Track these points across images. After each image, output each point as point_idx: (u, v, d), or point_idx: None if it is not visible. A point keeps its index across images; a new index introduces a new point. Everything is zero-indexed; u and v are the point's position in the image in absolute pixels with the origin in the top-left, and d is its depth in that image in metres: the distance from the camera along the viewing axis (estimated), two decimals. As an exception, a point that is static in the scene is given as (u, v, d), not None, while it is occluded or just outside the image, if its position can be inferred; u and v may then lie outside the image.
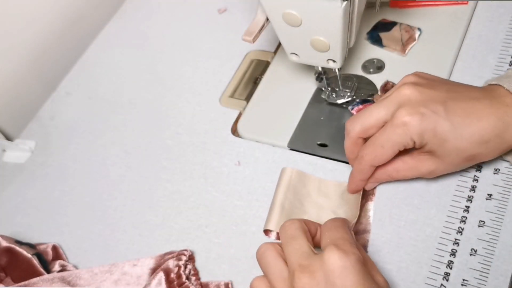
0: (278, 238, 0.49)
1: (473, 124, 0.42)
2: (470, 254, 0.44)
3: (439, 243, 0.45)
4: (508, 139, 0.43)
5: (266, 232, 0.50)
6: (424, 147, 0.44)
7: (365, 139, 0.46)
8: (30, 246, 0.54)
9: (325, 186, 0.51)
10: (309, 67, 0.58)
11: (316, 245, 0.42)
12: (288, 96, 0.58)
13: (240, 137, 0.57)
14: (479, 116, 0.42)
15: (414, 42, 0.57)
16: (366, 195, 0.49)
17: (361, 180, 0.47)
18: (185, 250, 0.50)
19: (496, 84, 0.44)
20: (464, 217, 0.46)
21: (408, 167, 0.46)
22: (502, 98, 0.43)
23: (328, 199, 0.50)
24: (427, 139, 0.43)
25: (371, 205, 0.49)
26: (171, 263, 0.49)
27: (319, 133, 0.54)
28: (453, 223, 0.46)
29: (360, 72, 0.57)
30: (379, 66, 0.57)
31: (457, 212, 0.46)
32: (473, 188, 0.47)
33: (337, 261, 0.37)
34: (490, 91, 0.44)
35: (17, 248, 0.52)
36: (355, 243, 0.40)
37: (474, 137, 0.42)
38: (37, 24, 0.70)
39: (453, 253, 0.44)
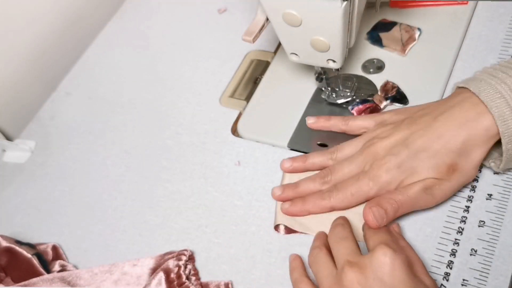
0: (287, 232, 0.49)
1: (436, 143, 0.44)
2: (470, 254, 0.44)
3: (439, 243, 0.45)
4: (473, 151, 0.44)
5: (276, 228, 0.50)
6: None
7: None
8: (30, 246, 0.54)
9: None
10: (309, 67, 0.58)
11: None
12: (288, 96, 0.58)
13: (240, 137, 0.57)
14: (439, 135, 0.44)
15: (414, 42, 0.57)
16: None
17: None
18: (185, 250, 0.50)
19: (463, 87, 0.45)
20: (464, 217, 0.46)
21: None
22: (467, 103, 0.44)
23: None
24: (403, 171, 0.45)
25: None
26: (171, 263, 0.49)
27: (319, 133, 0.54)
28: (453, 223, 0.46)
29: (360, 72, 0.57)
30: (379, 66, 0.57)
31: (457, 212, 0.46)
32: (473, 188, 0.47)
33: (387, 259, 0.38)
34: (456, 96, 0.46)
35: (17, 248, 0.52)
36: (406, 243, 0.43)
37: (445, 146, 0.44)
38: (37, 24, 0.70)
39: (453, 253, 0.44)
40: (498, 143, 0.44)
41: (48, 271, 0.52)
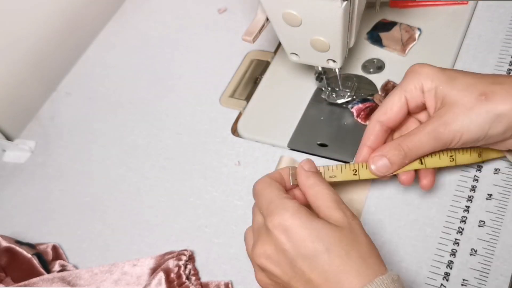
0: None
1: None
2: (470, 254, 0.44)
3: (439, 243, 0.45)
4: None
5: None
6: (436, 99, 0.42)
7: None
8: (30, 246, 0.54)
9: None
10: (309, 67, 0.58)
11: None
12: (288, 96, 0.58)
13: (240, 137, 0.57)
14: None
15: (414, 42, 0.57)
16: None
17: (366, 145, 0.45)
18: (185, 250, 0.50)
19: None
20: (464, 217, 0.46)
21: (422, 130, 0.42)
22: None
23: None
24: (436, 80, 0.42)
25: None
26: (171, 263, 0.49)
27: (319, 133, 0.54)
28: (453, 223, 0.46)
29: (360, 72, 0.57)
30: (379, 66, 0.57)
31: (457, 212, 0.46)
32: (473, 188, 0.47)
33: (280, 227, 0.38)
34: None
35: (17, 248, 0.52)
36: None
37: (485, 77, 0.41)
38: (37, 24, 0.70)
39: (453, 253, 0.44)
40: None
41: (48, 271, 0.52)
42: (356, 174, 0.45)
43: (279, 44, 0.63)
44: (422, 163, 0.44)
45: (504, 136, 0.41)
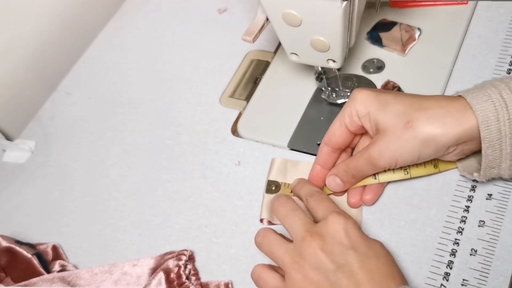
0: (269, 224, 0.50)
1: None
2: (470, 254, 0.44)
3: (439, 243, 0.45)
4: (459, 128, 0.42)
5: (262, 220, 0.51)
6: (371, 124, 0.45)
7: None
8: (30, 246, 0.54)
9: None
10: (309, 67, 0.58)
11: None
12: (288, 96, 0.58)
13: (240, 137, 0.57)
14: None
15: (414, 42, 0.57)
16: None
17: (317, 163, 0.49)
18: (185, 250, 0.50)
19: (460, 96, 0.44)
20: (464, 217, 0.46)
21: (361, 155, 0.45)
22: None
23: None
24: (369, 105, 0.44)
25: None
26: (171, 263, 0.49)
27: (319, 133, 0.54)
28: (453, 223, 0.46)
29: (360, 72, 0.57)
30: (379, 66, 0.57)
31: (457, 212, 0.46)
32: (473, 188, 0.47)
33: (341, 226, 0.42)
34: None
35: (17, 248, 0.52)
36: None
37: (413, 103, 0.43)
38: (37, 24, 0.70)
39: (453, 253, 0.44)
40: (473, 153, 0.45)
41: (48, 271, 0.52)
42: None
43: (279, 44, 0.63)
44: (375, 178, 0.47)
45: (437, 155, 0.44)
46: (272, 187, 0.52)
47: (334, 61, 0.50)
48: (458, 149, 0.43)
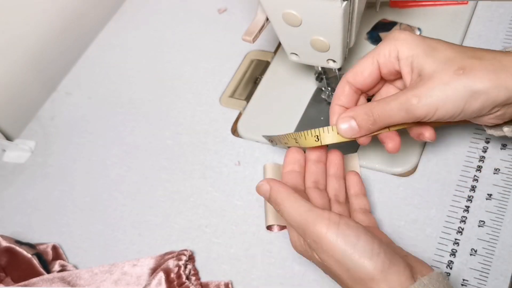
0: (280, 229, 0.50)
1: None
2: (470, 254, 0.44)
3: (439, 243, 0.45)
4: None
5: (269, 228, 0.50)
6: (413, 69, 0.40)
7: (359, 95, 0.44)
8: (30, 246, 0.54)
9: None
10: (309, 67, 0.58)
11: None
12: (288, 96, 0.58)
13: (240, 137, 0.57)
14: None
15: (414, 42, 0.57)
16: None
17: (337, 104, 0.43)
18: (185, 250, 0.50)
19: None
20: (464, 217, 0.46)
21: (395, 99, 0.40)
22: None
23: None
24: (414, 48, 0.40)
25: None
26: (171, 263, 0.49)
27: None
28: (453, 223, 0.46)
29: (360, 72, 0.57)
30: (379, 66, 0.57)
31: (457, 212, 0.46)
32: (473, 188, 0.47)
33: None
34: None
35: (17, 248, 0.52)
36: None
37: (465, 50, 0.39)
38: (37, 24, 0.70)
39: (453, 253, 0.44)
40: None
41: (48, 271, 0.52)
42: (318, 140, 0.43)
43: (279, 44, 0.63)
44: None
45: (479, 113, 0.39)
46: (271, 140, 0.50)
47: (334, 61, 0.50)
48: (501, 111, 0.40)
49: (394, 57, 0.41)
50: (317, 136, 0.43)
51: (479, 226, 0.45)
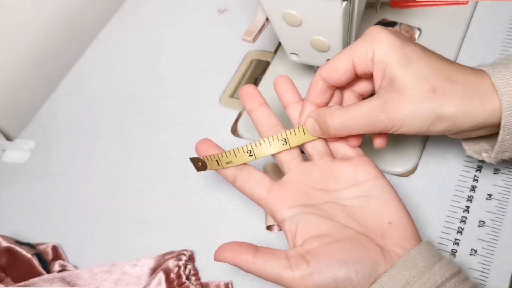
0: (280, 229, 0.50)
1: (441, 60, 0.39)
2: (470, 254, 0.44)
3: (439, 243, 0.45)
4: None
5: (269, 228, 0.50)
6: (384, 76, 0.39)
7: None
8: (30, 246, 0.54)
9: None
10: (309, 67, 0.58)
11: None
12: (288, 96, 0.58)
13: (240, 137, 0.57)
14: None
15: (414, 42, 0.57)
16: None
17: (309, 100, 0.42)
18: (185, 250, 0.50)
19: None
20: (464, 217, 0.46)
21: (363, 113, 0.39)
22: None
23: None
24: (390, 54, 0.38)
25: None
26: (171, 263, 0.49)
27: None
28: (453, 223, 0.46)
29: (360, 72, 0.57)
30: (379, 66, 0.57)
31: (457, 212, 0.46)
32: (473, 188, 0.47)
33: None
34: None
35: (17, 248, 0.52)
36: None
37: (441, 68, 0.38)
38: (37, 24, 0.70)
39: (453, 253, 0.44)
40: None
41: (48, 271, 0.52)
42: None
43: (279, 44, 0.63)
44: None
45: (443, 133, 0.39)
46: (198, 164, 0.47)
47: (334, 61, 0.50)
48: (464, 134, 0.40)
49: (370, 59, 0.39)
50: (285, 139, 0.42)
51: (479, 226, 0.45)
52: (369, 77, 0.41)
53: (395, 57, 0.38)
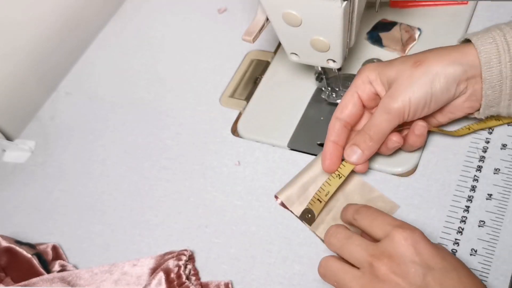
0: (282, 205, 0.50)
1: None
2: (470, 254, 0.44)
3: (439, 243, 0.45)
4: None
5: (276, 197, 0.51)
6: (383, 84, 0.47)
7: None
8: (30, 246, 0.54)
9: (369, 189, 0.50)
10: (309, 67, 0.58)
11: None
12: (288, 96, 0.58)
13: (240, 137, 0.57)
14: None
15: (414, 42, 0.57)
16: None
17: (330, 140, 0.48)
18: (185, 250, 0.50)
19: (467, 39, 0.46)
20: (464, 217, 0.46)
21: (379, 110, 0.46)
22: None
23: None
24: (377, 67, 0.47)
25: None
26: (171, 263, 0.49)
27: (319, 133, 0.54)
28: (453, 223, 0.46)
29: (360, 72, 0.57)
30: (379, 66, 0.57)
31: (457, 212, 0.46)
32: (473, 188, 0.47)
33: (408, 241, 0.39)
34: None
35: (17, 248, 0.52)
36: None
37: (417, 54, 0.46)
38: (37, 24, 0.70)
39: (453, 253, 0.44)
40: None
41: (48, 271, 0.52)
42: (341, 177, 0.48)
43: (279, 44, 0.63)
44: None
45: (449, 94, 0.44)
46: (307, 215, 0.48)
47: (334, 61, 0.50)
48: (469, 88, 0.44)
49: (368, 82, 0.47)
50: (339, 173, 0.48)
51: (479, 226, 0.45)
52: (375, 102, 0.48)
53: (379, 67, 0.47)
